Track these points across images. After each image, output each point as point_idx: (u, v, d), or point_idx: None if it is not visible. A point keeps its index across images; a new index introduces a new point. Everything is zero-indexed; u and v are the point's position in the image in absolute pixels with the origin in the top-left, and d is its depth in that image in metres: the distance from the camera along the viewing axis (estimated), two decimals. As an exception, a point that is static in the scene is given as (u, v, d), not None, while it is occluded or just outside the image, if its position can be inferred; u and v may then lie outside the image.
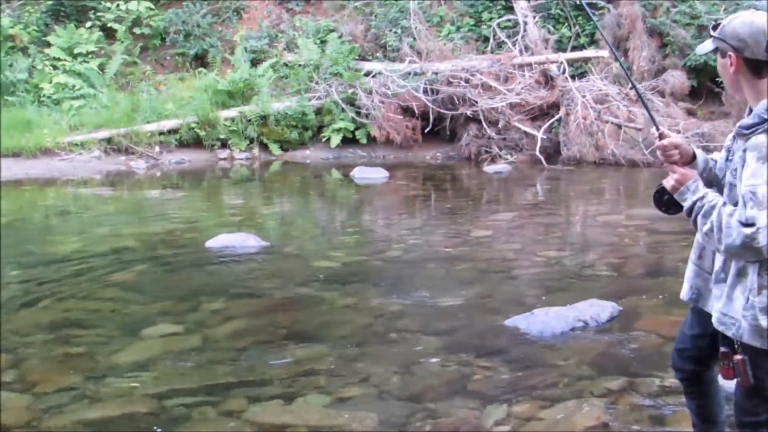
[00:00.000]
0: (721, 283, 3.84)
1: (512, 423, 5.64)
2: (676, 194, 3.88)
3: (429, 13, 23.67)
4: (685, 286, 4.19)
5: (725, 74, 3.80)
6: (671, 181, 3.91)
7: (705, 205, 3.71)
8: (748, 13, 3.75)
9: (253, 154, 21.18)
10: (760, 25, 3.63)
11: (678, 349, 4.44)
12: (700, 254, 4.08)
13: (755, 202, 3.48)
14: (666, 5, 22.66)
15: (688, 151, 4.08)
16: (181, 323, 7.92)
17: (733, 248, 3.57)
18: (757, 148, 3.53)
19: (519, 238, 12.20)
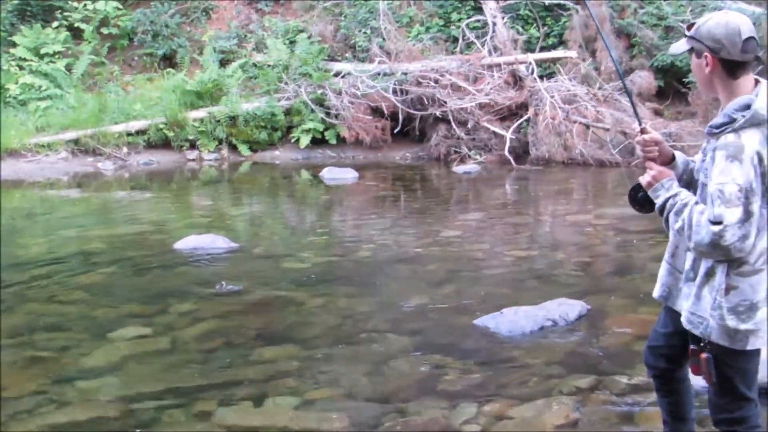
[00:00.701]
0: (691, 282, 3.90)
1: (482, 422, 5.65)
2: (650, 191, 3.93)
3: (398, 14, 23.67)
4: (657, 284, 4.22)
5: (699, 74, 3.83)
6: (647, 177, 3.96)
7: (677, 203, 3.77)
8: (722, 13, 3.80)
9: (222, 154, 21.11)
10: (735, 26, 3.68)
11: (650, 346, 4.46)
12: (674, 253, 4.11)
13: (722, 200, 3.54)
14: (633, 6, 22.77)
15: (668, 151, 4.11)
16: (149, 325, 7.88)
17: (701, 246, 3.62)
18: (726, 147, 3.59)
19: (488, 238, 12.23)
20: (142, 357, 7.04)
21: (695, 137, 18.95)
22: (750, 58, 3.72)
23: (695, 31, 3.78)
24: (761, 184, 3.59)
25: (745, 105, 3.63)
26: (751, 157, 3.56)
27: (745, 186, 3.54)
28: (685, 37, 3.88)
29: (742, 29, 3.68)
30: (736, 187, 3.54)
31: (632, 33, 22.31)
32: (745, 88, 3.73)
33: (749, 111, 3.60)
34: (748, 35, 3.68)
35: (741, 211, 3.53)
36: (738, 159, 3.56)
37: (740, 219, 3.54)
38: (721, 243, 3.55)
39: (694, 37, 3.78)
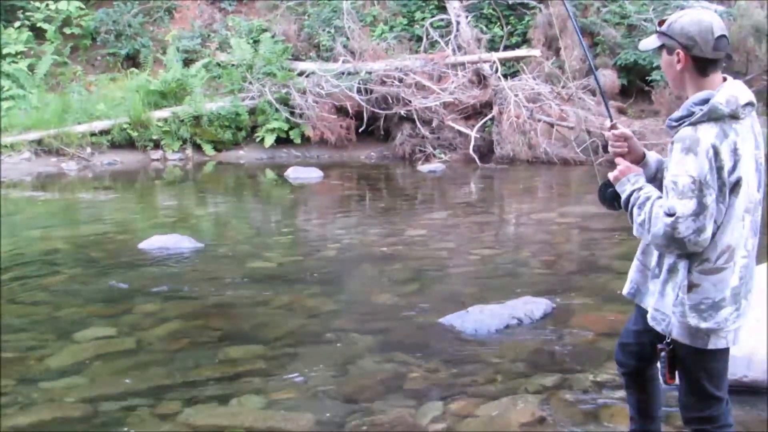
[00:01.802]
0: (656, 278, 3.92)
1: (448, 420, 5.67)
2: (617, 185, 3.94)
3: (362, 13, 23.68)
4: (627, 281, 4.21)
5: (670, 71, 3.84)
6: (615, 171, 3.97)
7: (641, 197, 3.77)
8: (695, 11, 3.82)
9: (187, 154, 21.04)
10: (708, 23, 3.70)
11: (621, 343, 4.44)
12: (644, 250, 4.09)
13: (676, 191, 3.57)
14: (596, 5, 22.90)
15: (639, 149, 4.11)
16: (114, 326, 7.85)
17: (657, 238, 3.65)
18: (682, 139, 3.62)
19: (453, 237, 12.26)
20: (107, 357, 7.01)
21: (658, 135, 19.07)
22: (721, 56, 3.75)
23: (667, 28, 3.78)
24: (717, 178, 3.58)
25: (705, 99, 3.65)
26: (706, 150, 3.55)
27: (699, 178, 3.54)
28: (656, 33, 3.87)
29: (714, 27, 3.70)
30: (689, 179, 3.54)
31: (595, 31, 22.44)
32: (713, 85, 3.75)
33: (707, 105, 3.62)
34: (720, 33, 3.71)
35: (694, 204, 3.54)
36: (693, 151, 3.57)
37: (694, 211, 3.54)
38: (675, 235, 3.57)
39: (666, 33, 3.78)
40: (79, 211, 15.26)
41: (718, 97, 3.64)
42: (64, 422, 5.77)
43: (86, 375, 6.63)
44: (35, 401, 6.10)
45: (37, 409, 5.96)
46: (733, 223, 3.70)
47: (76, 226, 13.54)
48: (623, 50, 21.77)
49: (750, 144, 3.72)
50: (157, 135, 20.80)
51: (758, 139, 3.82)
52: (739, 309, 3.82)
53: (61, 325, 7.92)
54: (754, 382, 5.91)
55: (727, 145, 3.60)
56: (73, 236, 12.41)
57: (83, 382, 6.46)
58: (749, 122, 3.77)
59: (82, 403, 6.04)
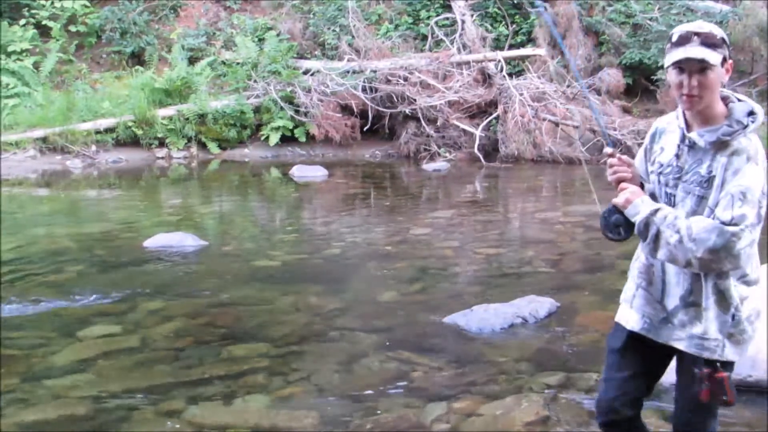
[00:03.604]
0: (691, 306, 3.67)
1: (452, 419, 5.67)
2: (628, 208, 3.69)
3: (367, 12, 23.69)
4: (633, 316, 3.92)
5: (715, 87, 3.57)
6: (624, 195, 3.72)
7: (668, 216, 3.56)
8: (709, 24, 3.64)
9: (191, 152, 21.04)
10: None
11: (614, 396, 4.00)
12: (650, 280, 3.83)
13: (744, 201, 3.42)
14: (601, 4, 22.90)
15: (637, 177, 3.91)
16: (118, 324, 7.85)
17: (709, 253, 3.43)
18: (743, 150, 3.48)
19: (458, 236, 12.26)
20: (112, 355, 7.02)
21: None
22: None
23: (724, 40, 3.54)
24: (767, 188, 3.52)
25: (750, 110, 3.56)
26: (763, 160, 3.49)
27: (762, 189, 3.47)
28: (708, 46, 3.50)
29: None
30: (757, 189, 3.45)
31: (600, 30, 22.44)
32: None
33: (757, 116, 3.55)
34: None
35: (755, 214, 3.45)
36: (755, 161, 3.47)
37: (753, 222, 3.45)
38: (736, 246, 3.41)
39: (725, 41, 3.55)
40: (84, 208, 15.27)
41: (754, 107, 3.58)
42: (69, 420, 5.77)
43: (91, 373, 6.64)
44: (40, 399, 6.11)
45: (42, 407, 5.96)
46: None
47: (80, 223, 13.54)
48: (628, 49, 21.75)
49: None
50: (162, 133, 20.80)
51: None
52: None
53: (66, 322, 7.93)
54: (758, 382, 5.91)
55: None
56: (78, 234, 12.41)
57: (88, 380, 6.46)
58: None
59: (86, 401, 6.04)
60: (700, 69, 3.48)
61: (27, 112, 20.86)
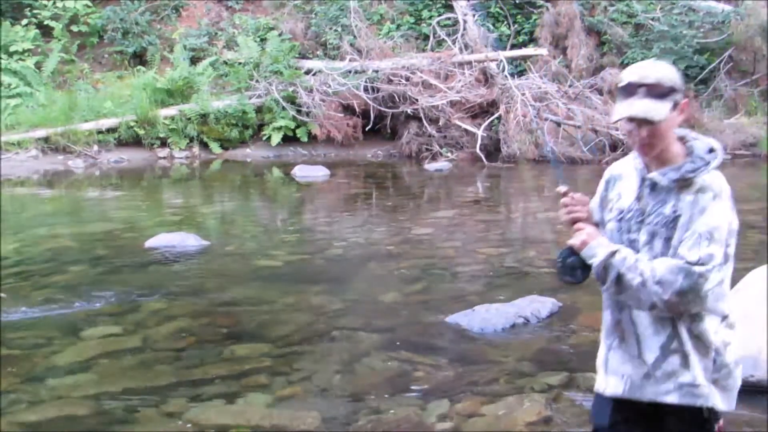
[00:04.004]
0: (675, 353, 3.41)
1: (454, 419, 5.67)
2: (585, 250, 3.48)
3: (369, 12, 23.69)
4: (611, 380, 3.59)
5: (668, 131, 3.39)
6: (580, 237, 3.52)
7: (628, 257, 3.35)
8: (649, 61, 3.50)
9: (193, 152, 21.05)
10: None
11: None
12: (623, 337, 3.54)
13: (711, 240, 3.25)
14: (603, 4, 22.91)
15: (592, 216, 3.70)
16: (120, 324, 7.85)
17: (675, 296, 3.24)
18: (707, 187, 3.32)
19: (459, 236, 12.26)
20: (114, 355, 7.01)
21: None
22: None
23: (673, 83, 3.33)
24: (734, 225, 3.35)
25: (710, 148, 3.40)
26: (729, 197, 3.34)
27: (729, 227, 3.30)
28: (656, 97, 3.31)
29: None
30: (726, 227, 3.29)
31: (602, 30, 22.45)
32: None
33: (718, 152, 3.39)
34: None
35: (722, 254, 3.28)
36: (721, 198, 3.31)
37: (720, 262, 3.27)
38: (704, 287, 3.23)
39: (675, 88, 3.34)
40: (86, 208, 15.28)
41: (713, 144, 3.43)
42: (71, 420, 5.77)
43: (93, 373, 6.64)
44: (42, 399, 6.11)
45: (44, 407, 5.97)
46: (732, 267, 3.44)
47: (82, 223, 13.55)
48: (630, 49, 21.76)
49: None
50: (164, 133, 20.80)
51: None
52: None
53: (67, 322, 7.92)
54: (759, 382, 5.90)
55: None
56: (80, 234, 12.42)
57: (89, 380, 6.46)
58: None
59: (88, 401, 6.04)
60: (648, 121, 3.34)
61: (29, 112, 20.88)
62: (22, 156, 19.62)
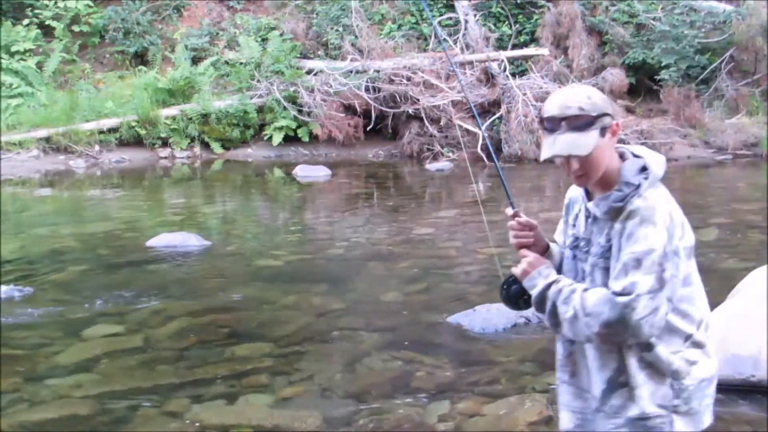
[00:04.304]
0: (623, 387, 3.23)
1: (455, 419, 5.67)
2: (526, 280, 3.36)
3: (370, 11, 23.68)
4: (564, 416, 3.46)
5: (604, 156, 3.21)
6: (522, 265, 3.39)
7: (563, 289, 3.22)
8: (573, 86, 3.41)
9: (195, 152, 21.05)
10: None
11: None
12: (573, 371, 3.39)
13: (636, 268, 3.06)
14: (605, 4, 22.90)
15: (543, 239, 3.59)
16: (122, 323, 7.86)
17: (605, 328, 3.07)
18: (635, 212, 3.12)
19: (461, 236, 12.26)
20: (115, 355, 7.02)
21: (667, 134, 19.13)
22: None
23: (592, 106, 3.15)
24: (673, 248, 3.11)
25: (640, 168, 3.21)
26: (663, 219, 3.10)
27: (661, 252, 3.06)
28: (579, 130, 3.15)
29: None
30: (653, 252, 3.05)
31: (604, 30, 22.45)
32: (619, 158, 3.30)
33: (649, 173, 3.18)
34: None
35: (654, 279, 3.04)
36: (651, 222, 3.09)
37: (652, 288, 3.04)
38: (632, 317, 3.02)
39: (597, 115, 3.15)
40: (87, 208, 15.29)
41: (651, 163, 3.21)
42: (72, 420, 5.78)
43: (94, 373, 6.65)
44: (43, 399, 6.12)
45: (45, 407, 5.98)
46: (700, 292, 3.31)
47: (83, 223, 13.56)
48: (632, 49, 21.76)
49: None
50: (166, 133, 20.81)
51: None
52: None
53: (69, 322, 7.93)
54: (760, 382, 5.90)
55: (673, 209, 3.18)
56: (81, 234, 12.43)
57: (91, 380, 6.47)
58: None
59: (90, 401, 6.05)
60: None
61: (30, 111, 20.89)
62: (23, 156, 19.62)
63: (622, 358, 3.21)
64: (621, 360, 3.21)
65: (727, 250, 10.68)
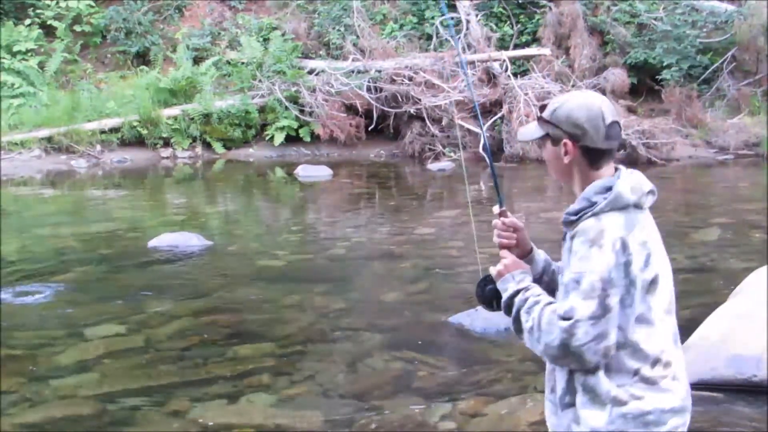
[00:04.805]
0: (570, 407, 3.11)
1: (457, 419, 5.67)
2: (499, 282, 3.28)
3: (372, 11, 23.66)
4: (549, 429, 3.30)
5: (556, 164, 3.23)
6: (498, 266, 3.33)
7: (528, 299, 3.11)
8: (580, 94, 3.27)
9: (196, 152, 21.05)
10: (598, 109, 3.13)
11: None
12: (553, 387, 3.21)
13: (578, 290, 2.93)
14: (606, 4, 22.88)
15: (527, 242, 3.52)
16: (124, 324, 7.86)
17: (551, 349, 2.98)
18: (584, 231, 3.02)
19: (462, 236, 12.23)
20: (117, 355, 7.03)
21: (669, 134, 19.10)
22: (614, 146, 3.16)
23: (551, 114, 3.17)
24: (624, 275, 2.94)
25: (607, 187, 3.09)
26: (612, 243, 2.96)
27: (604, 276, 2.91)
28: (538, 119, 3.25)
29: (605, 112, 3.12)
30: (594, 276, 2.92)
31: (605, 30, 22.43)
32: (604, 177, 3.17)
33: (611, 193, 3.05)
34: (612, 119, 3.13)
35: (596, 305, 2.89)
36: (597, 245, 2.96)
37: (593, 314, 2.89)
38: (572, 343, 2.90)
39: (549, 121, 3.17)
40: (89, 208, 15.29)
41: (621, 184, 3.07)
42: (74, 419, 5.79)
43: (96, 372, 6.65)
44: (45, 398, 6.12)
45: (47, 407, 5.98)
46: (657, 326, 3.04)
47: (85, 223, 13.55)
48: (633, 49, 21.75)
49: (658, 235, 3.13)
50: (167, 133, 20.79)
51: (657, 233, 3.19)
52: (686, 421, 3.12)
53: (71, 322, 7.94)
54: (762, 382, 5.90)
55: (635, 237, 3.01)
56: (83, 234, 12.43)
57: (93, 380, 6.48)
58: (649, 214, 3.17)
59: (91, 401, 6.06)
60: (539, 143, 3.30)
61: (32, 111, 20.87)
62: (25, 156, 19.62)
63: (571, 379, 3.10)
64: (570, 380, 3.10)
65: (728, 250, 10.69)
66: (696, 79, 21.48)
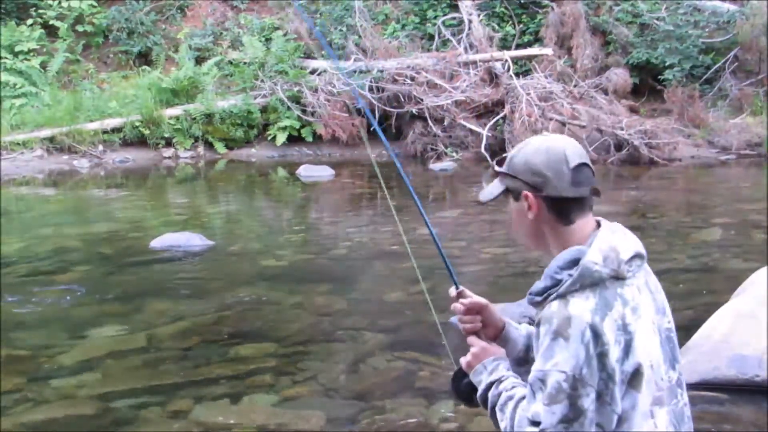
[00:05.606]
0: None
1: (459, 419, 5.67)
2: (471, 374, 2.94)
3: (374, 11, 23.67)
4: None
5: (523, 223, 2.81)
6: (468, 356, 3.02)
7: (502, 393, 2.75)
8: (540, 137, 2.81)
9: (198, 152, 21.05)
10: (559, 150, 2.69)
11: None
12: None
13: (543, 392, 2.52)
14: (608, 4, 22.88)
15: (496, 319, 3.16)
16: (125, 323, 7.86)
17: None
18: (547, 319, 2.61)
19: (465, 236, 12.25)
20: (119, 355, 7.03)
21: (671, 135, 19.08)
22: (585, 193, 2.70)
23: (508, 164, 2.79)
24: (598, 369, 2.49)
25: (573, 260, 2.63)
26: (580, 333, 2.50)
27: (572, 373, 2.48)
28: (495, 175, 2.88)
29: (567, 154, 2.67)
30: (560, 376, 2.49)
31: (607, 30, 22.42)
32: (584, 233, 2.71)
33: (577, 268, 2.59)
34: (578, 161, 2.68)
35: (565, 408, 2.49)
36: (563, 336, 2.52)
37: (564, 417, 2.49)
38: None
39: (506, 173, 2.79)
40: (91, 208, 15.30)
41: (590, 254, 2.60)
42: (76, 419, 5.79)
43: (98, 372, 6.66)
44: (47, 398, 6.13)
45: (49, 407, 5.99)
46: (639, 424, 2.56)
47: (87, 223, 13.57)
48: (635, 49, 21.74)
49: (647, 310, 2.64)
50: (169, 133, 20.79)
51: (658, 298, 2.73)
52: None
53: (73, 322, 7.94)
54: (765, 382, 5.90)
55: (612, 321, 2.53)
56: (85, 234, 12.44)
57: (95, 380, 6.48)
58: (642, 280, 2.69)
59: (93, 401, 6.06)
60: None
61: (34, 111, 20.89)
62: (27, 156, 19.62)
63: None
64: None
65: (731, 249, 10.68)
66: (698, 79, 21.46)
